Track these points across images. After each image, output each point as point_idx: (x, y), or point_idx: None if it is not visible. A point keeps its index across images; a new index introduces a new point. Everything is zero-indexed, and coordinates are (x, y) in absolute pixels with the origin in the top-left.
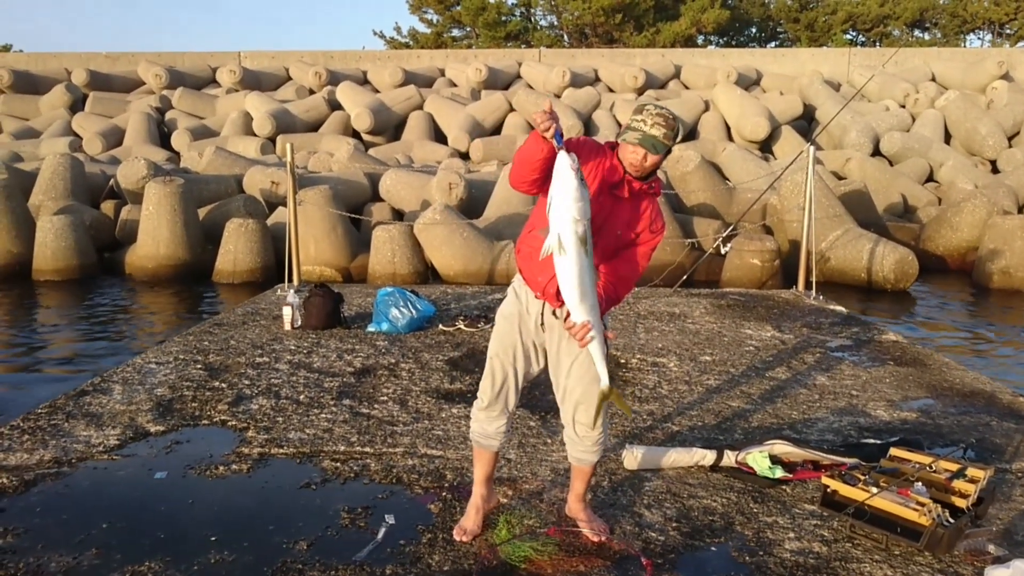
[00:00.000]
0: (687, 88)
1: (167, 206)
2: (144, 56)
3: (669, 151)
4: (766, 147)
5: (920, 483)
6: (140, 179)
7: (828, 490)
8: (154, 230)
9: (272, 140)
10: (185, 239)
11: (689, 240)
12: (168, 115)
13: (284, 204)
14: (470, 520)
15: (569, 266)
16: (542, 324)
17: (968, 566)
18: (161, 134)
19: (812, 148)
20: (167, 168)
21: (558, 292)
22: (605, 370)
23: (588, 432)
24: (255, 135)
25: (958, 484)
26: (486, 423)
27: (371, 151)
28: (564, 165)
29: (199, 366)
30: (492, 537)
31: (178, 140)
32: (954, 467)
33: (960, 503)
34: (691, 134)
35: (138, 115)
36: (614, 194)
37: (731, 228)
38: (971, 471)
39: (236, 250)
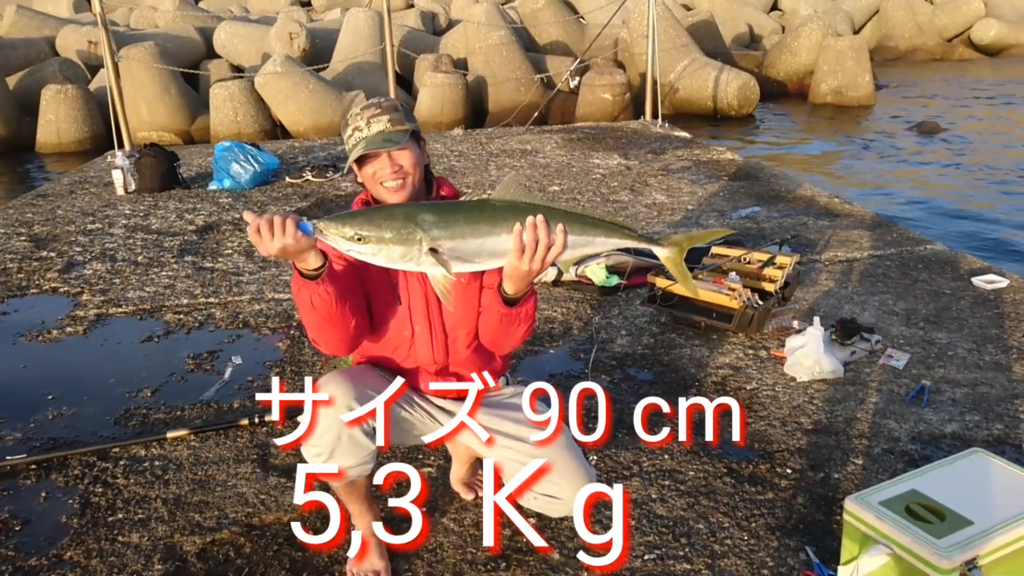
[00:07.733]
0: None
1: None
2: None
3: (415, 134)
4: None
5: (734, 273)
6: None
7: (654, 289)
8: None
9: None
10: None
11: (539, 76)
12: None
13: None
14: (373, 561)
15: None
16: None
17: (774, 341)
18: None
19: None
20: None
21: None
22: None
23: None
24: None
25: (768, 271)
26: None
27: (201, 3)
28: (341, 237)
29: (23, 238)
30: None
31: None
32: (765, 257)
33: (769, 288)
34: None
35: None
36: None
37: (578, 62)
38: (779, 259)
39: (58, 119)
